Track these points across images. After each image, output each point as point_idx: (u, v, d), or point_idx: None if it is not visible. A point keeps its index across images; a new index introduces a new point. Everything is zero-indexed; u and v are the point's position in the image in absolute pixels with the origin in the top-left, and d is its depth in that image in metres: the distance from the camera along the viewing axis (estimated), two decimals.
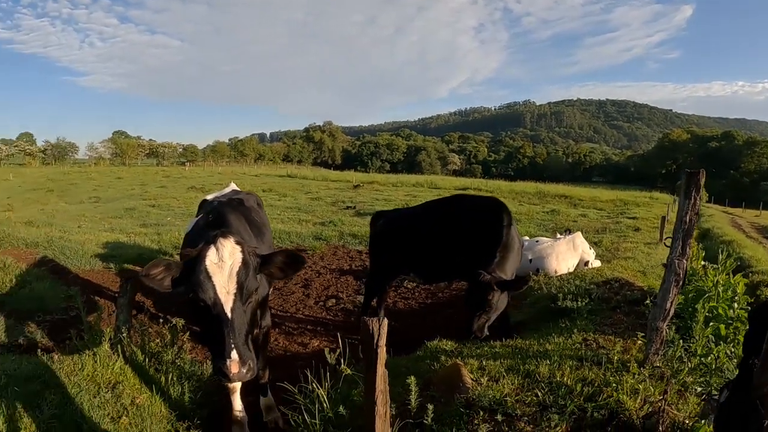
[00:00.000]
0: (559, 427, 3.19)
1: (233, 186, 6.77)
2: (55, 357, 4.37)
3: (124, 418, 4.00)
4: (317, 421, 3.76)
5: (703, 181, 3.91)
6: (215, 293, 2.88)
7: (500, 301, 5.47)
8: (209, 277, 2.90)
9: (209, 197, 6.02)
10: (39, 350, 5.27)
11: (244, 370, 2.74)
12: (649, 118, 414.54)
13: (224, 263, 2.95)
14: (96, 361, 4.46)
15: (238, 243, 3.10)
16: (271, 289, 5.17)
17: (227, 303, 2.87)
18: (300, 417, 3.84)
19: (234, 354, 2.71)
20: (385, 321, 2.89)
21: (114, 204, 22.89)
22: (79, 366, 4.35)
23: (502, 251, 5.69)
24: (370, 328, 2.87)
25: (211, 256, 2.97)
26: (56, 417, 3.67)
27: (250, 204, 5.56)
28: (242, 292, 2.95)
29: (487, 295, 5.30)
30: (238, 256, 3.03)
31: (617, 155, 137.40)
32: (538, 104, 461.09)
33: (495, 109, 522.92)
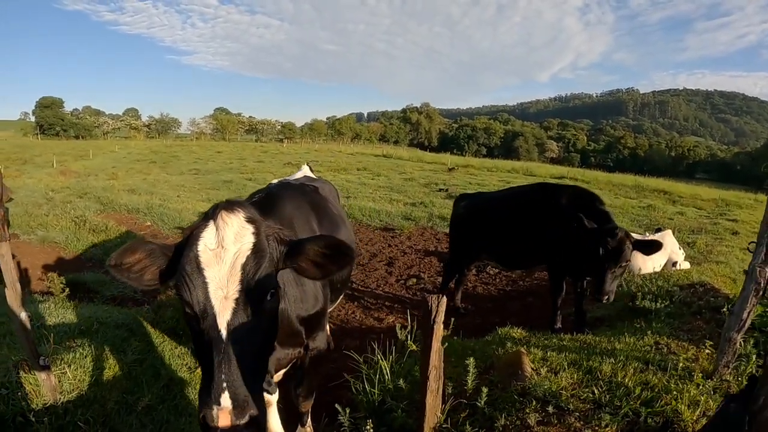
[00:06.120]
0: (609, 428, 3.06)
1: (306, 169, 6.05)
2: (143, 309, 4.69)
3: (199, 369, 4.24)
4: (376, 391, 3.83)
5: None
6: (206, 297, 1.82)
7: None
8: (200, 271, 1.84)
9: (274, 182, 4.83)
10: (130, 303, 5.66)
11: (240, 423, 1.66)
12: (759, 113, 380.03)
13: (225, 250, 1.88)
14: (179, 315, 4.74)
15: (250, 220, 2.01)
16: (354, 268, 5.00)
17: (223, 314, 1.80)
18: (360, 385, 3.92)
19: (225, 399, 1.66)
20: (444, 299, 2.87)
21: (213, 176, 24.12)
22: (163, 318, 4.66)
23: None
24: (429, 303, 2.89)
25: (206, 238, 1.90)
26: (138, 361, 3.98)
27: (325, 193, 4.51)
28: (250, 297, 1.86)
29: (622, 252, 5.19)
30: (249, 240, 1.94)
31: (723, 151, 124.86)
32: (641, 92, 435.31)
33: (596, 96, 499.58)
